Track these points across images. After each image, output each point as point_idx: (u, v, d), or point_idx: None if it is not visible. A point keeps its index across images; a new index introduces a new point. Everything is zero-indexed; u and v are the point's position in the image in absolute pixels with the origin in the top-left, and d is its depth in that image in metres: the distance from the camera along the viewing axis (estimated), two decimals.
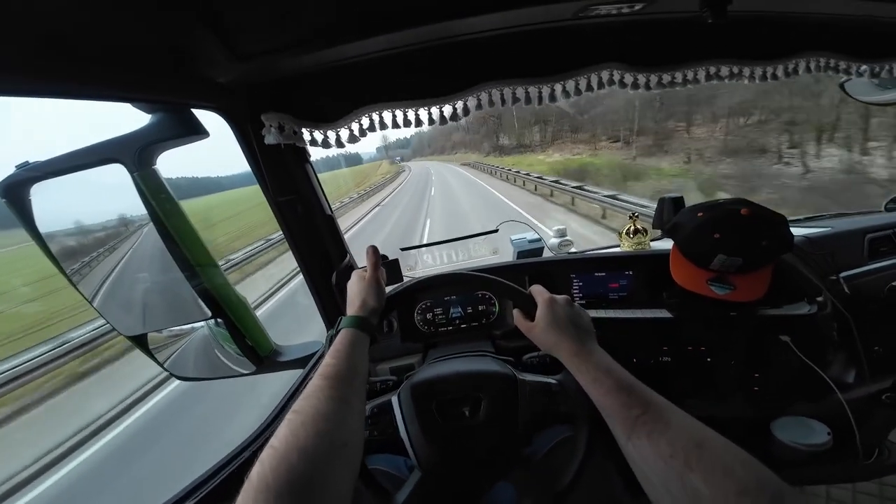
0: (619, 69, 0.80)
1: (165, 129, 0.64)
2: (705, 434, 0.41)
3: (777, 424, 0.80)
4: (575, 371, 0.53)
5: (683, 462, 0.38)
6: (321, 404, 0.43)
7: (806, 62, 0.88)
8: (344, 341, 0.52)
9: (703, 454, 0.38)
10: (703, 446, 0.39)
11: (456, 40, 0.70)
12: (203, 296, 0.75)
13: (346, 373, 0.48)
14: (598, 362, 0.51)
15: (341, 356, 0.50)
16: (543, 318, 0.58)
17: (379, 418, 0.61)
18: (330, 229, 0.98)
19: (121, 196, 0.66)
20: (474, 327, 1.09)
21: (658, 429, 0.42)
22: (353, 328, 0.54)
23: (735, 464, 0.37)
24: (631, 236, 1.11)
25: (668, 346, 0.90)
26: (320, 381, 0.46)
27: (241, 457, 0.69)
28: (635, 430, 0.43)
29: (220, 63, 0.59)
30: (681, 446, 0.40)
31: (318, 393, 0.44)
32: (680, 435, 0.41)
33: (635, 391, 0.47)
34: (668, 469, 0.39)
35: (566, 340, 0.55)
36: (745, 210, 0.77)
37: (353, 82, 0.73)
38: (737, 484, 0.35)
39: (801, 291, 0.86)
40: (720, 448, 0.39)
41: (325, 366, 0.48)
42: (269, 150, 0.77)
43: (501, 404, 0.60)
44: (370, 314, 0.58)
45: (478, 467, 0.60)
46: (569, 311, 0.58)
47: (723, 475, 0.36)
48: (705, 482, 0.36)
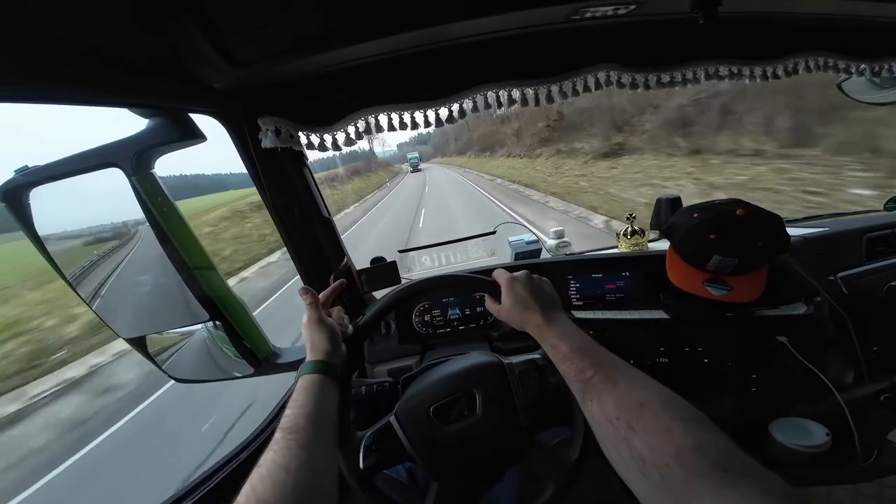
0: (615, 70, 0.80)
1: (163, 133, 0.65)
2: (650, 393, 0.40)
3: (775, 426, 0.80)
4: (540, 341, 0.54)
5: (626, 424, 0.38)
6: (278, 456, 0.43)
7: (805, 62, 0.87)
8: (300, 390, 0.52)
9: (644, 414, 0.37)
10: (646, 406, 0.38)
11: (451, 44, 0.70)
12: (201, 298, 0.76)
13: (302, 420, 0.48)
14: (557, 330, 0.52)
15: (297, 405, 0.50)
16: (507, 298, 0.59)
17: (382, 442, 0.60)
18: (327, 232, 0.98)
19: (119, 200, 0.67)
20: (472, 329, 1.09)
21: (606, 389, 0.42)
22: (309, 374, 0.54)
23: (674, 424, 0.35)
24: (628, 237, 1.11)
25: (664, 347, 0.90)
26: (279, 433, 0.47)
27: (239, 458, 0.70)
28: (588, 393, 0.43)
29: (216, 69, 0.60)
30: (625, 407, 0.39)
31: (274, 445, 0.45)
32: (626, 396, 0.40)
33: (588, 354, 0.47)
34: (616, 432, 0.38)
35: (530, 314, 0.56)
36: (740, 211, 0.77)
37: (348, 86, 0.74)
38: (674, 446, 0.33)
39: (798, 292, 0.86)
40: (661, 408, 0.38)
41: (284, 417, 0.49)
42: (266, 153, 0.77)
43: (495, 393, 0.60)
44: (325, 355, 0.57)
45: (489, 461, 0.60)
46: (529, 284, 0.59)
47: (661, 437, 0.35)
48: (646, 444, 0.35)
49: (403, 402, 0.62)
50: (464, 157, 55.41)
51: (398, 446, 0.59)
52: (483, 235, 1.31)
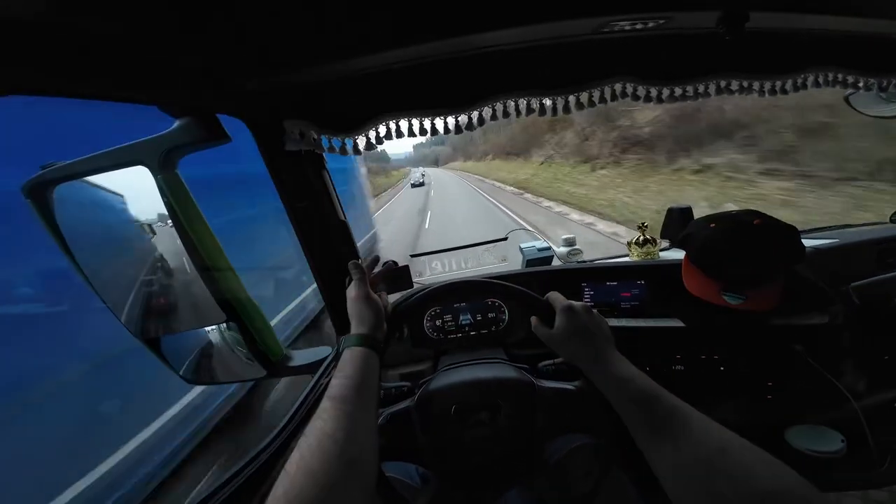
0: (632, 82, 0.82)
1: (191, 133, 0.65)
2: (728, 438, 0.41)
3: (791, 432, 0.80)
4: (596, 378, 0.53)
5: (707, 466, 0.39)
6: (326, 425, 0.44)
7: (815, 76, 0.90)
8: (347, 360, 0.53)
9: (727, 459, 0.39)
10: (727, 451, 0.39)
11: (476, 53, 0.72)
12: (219, 299, 0.75)
13: (350, 391, 0.48)
14: (619, 370, 0.52)
15: (344, 375, 0.51)
16: (563, 326, 0.58)
17: (393, 426, 0.60)
18: (343, 235, 0.98)
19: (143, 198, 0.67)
20: (484, 335, 1.09)
21: (682, 435, 0.42)
22: (354, 346, 0.55)
23: (758, 466, 0.37)
24: (640, 246, 1.12)
25: (680, 355, 0.90)
26: (326, 402, 0.47)
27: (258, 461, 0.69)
28: (659, 436, 0.44)
29: (247, 72, 0.61)
30: (704, 452, 0.40)
31: (322, 414, 0.46)
32: (703, 440, 0.41)
33: (659, 398, 0.47)
34: (692, 474, 0.39)
35: (587, 348, 0.55)
36: (757, 220, 0.78)
37: (372, 92, 0.75)
38: (761, 487, 0.35)
39: (813, 301, 0.86)
40: (744, 452, 0.39)
41: (331, 387, 0.49)
42: (288, 156, 0.78)
43: (520, 411, 0.60)
44: (371, 329, 0.58)
45: (494, 473, 0.60)
46: (588, 318, 0.58)
47: (746, 478, 0.36)
48: (729, 485, 0.36)
49: (426, 394, 0.62)
50: (487, 162, 41.94)
51: (410, 435, 0.59)
52: (494, 241, 1.32)
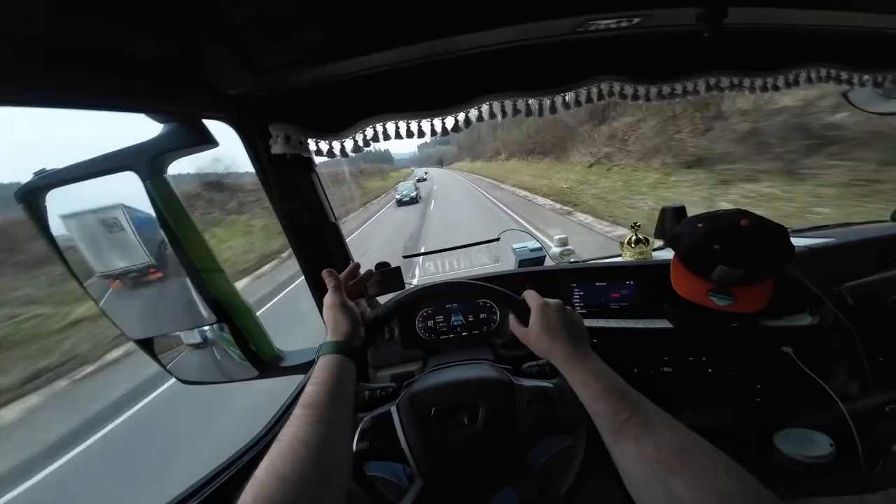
0: (618, 81, 0.81)
1: (178, 138, 0.67)
2: (690, 439, 0.41)
3: (779, 436, 0.79)
4: (567, 374, 0.53)
5: (666, 467, 0.39)
6: (299, 431, 0.44)
7: (807, 73, 0.88)
8: (322, 368, 0.53)
9: (686, 458, 0.39)
10: (687, 451, 0.40)
11: (459, 55, 0.72)
12: (209, 301, 0.77)
13: (323, 398, 0.48)
14: (588, 367, 0.52)
15: (318, 381, 0.51)
16: (537, 323, 0.58)
17: (379, 429, 0.61)
18: (334, 237, 0.99)
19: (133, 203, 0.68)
20: (475, 335, 1.09)
21: (644, 432, 0.43)
22: (328, 354, 0.55)
23: (718, 470, 0.37)
24: (633, 246, 1.11)
25: (668, 357, 0.89)
26: (300, 409, 0.47)
27: (241, 461, 0.70)
28: (622, 434, 0.44)
29: (232, 77, 0.62)
30: (665, 451, 0.40)
31: (295, 421, 0.45)
32: (665, 440, 0.42)
33: (624, 395, 0.47)
34: (653, 473, 0.39)
35: (559, 345, 0.55)
36: (745, 221, 0.77)
37: (358, 95, 0.75)
38: (718, 489, 0.35)
39: (803, 302, 0.85)
40: (704, 453, 0.39)
41: (305, 394, 0.49)
42: (276, 159, 0.79)
43: (500, 410, 0.60)
44: (345, 336, 0.58)
45: (479, 475, 0.60)
46: (562, 315, 0.59)
47: (704, 480, 0.36)
48: (686, 486, 0.36)
49: (407, 397, 0.63)
50: (500, 162, 32.48)
51: (393, 438, 0.59)
52: (487, 242, 1.32)
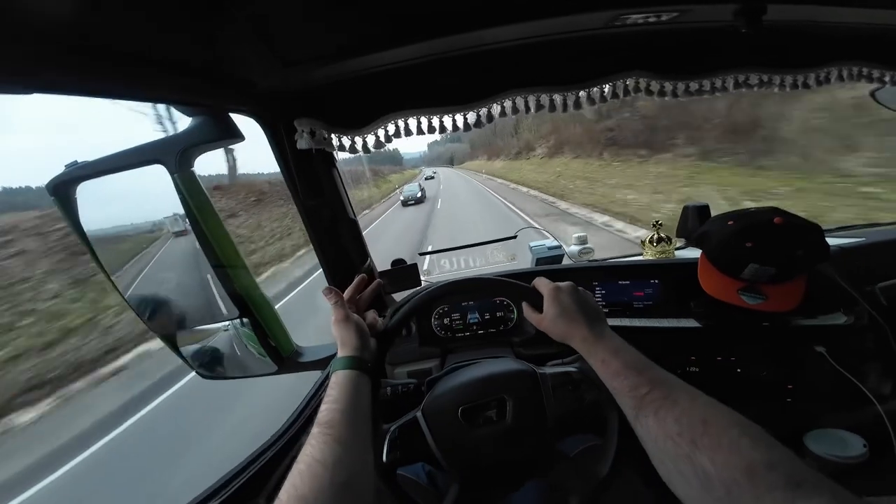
0: (645, 77, 0.80)
1: (205, 132, 0.67)
2: (713, 410, 0.39)
3: (811, 437, 0.77)
4: (586, 356, 0.52)
5: (689, 440, 0.37)
6: (316, 451, 0.44)
7: (838, 71, 0.86)
8: (333, 385, 0.53)
9: (710, 431, 0.37)
10: (710, 423, 0.38)
11: (483, 49, 0.71)
12: (232, 295, 0.77)
13: (337, 415, 0.48)
14: (606, 345, 0.51)
15: (331, 399, 0.51)
16: (551, 308, 0.57)
17: (407, 437, 0.60)
18: (353, 233, 0.99)
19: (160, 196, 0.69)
20: (492, 333, 1.08)
21: (664, 406, 0.41)
22: (342, 370, 0.55)
23: (742, 439, 0.35)
24: (654, 245, 1.10)
25: (695, 356, 0.87)
26: (316, 428, 0.47)
27: (265, 457, 0.69)
28: (643, 409, 0.43)
29: (261, 71, 0.62)
30: (686, 423, 0.38)
31: (312, 440, 0.46)
32: (686, 412, 0.40)
33: (643, 370, 0.46)
34: (677, 448, 0.38)
35: (575, 327, 0.54)
36: (778, 219, 0.75)
37: (382, 89, 0.75)
38: (745, 461, 0.33)
39: (836, 302, 0.83)
40: (727, 424, 0.37)
41: (320, 412, 0.49)
42: (300, 154, 0.79)
43: (527, 402, 0.59)
44: (355, 350, 0.58)
45: (511, 468, 0.59)
46: (575, 296, 0.58)
47: (728, 452, 0.34)
48: (712, 461, 0.35)
49: (431, 400, 0.62)
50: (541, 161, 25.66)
51: (422, 443, 0.58)
52: (504, 240, 1.31)
